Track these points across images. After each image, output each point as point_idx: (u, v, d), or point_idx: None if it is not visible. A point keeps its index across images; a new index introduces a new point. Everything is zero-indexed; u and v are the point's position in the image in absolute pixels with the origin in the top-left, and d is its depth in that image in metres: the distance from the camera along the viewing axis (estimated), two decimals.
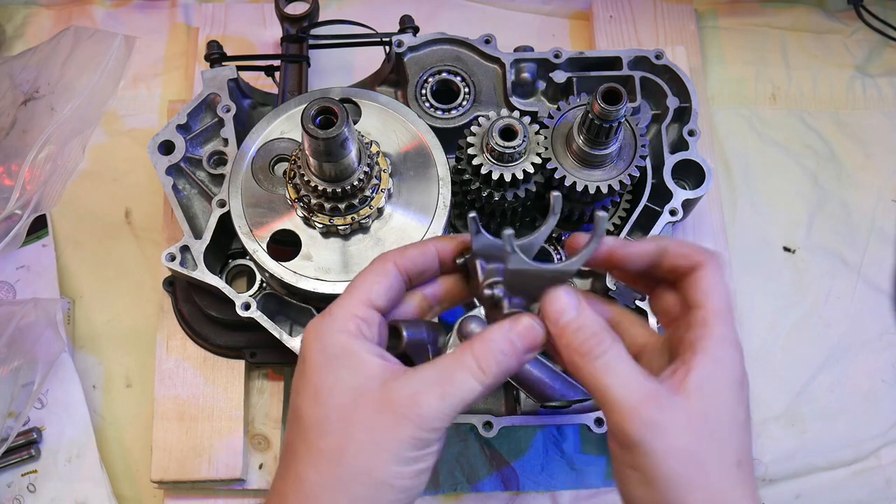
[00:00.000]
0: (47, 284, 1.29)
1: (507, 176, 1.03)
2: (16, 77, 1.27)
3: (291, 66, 1.28)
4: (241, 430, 1.17)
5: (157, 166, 1.13)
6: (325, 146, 0.90)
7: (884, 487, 1.24)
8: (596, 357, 0.69)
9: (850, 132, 1.46)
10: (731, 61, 1.51)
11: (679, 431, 0.67)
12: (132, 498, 1.22)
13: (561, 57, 1.19)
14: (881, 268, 1.37)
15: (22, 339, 1.17)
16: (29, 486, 1.19)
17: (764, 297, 1.34)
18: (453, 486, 1.21)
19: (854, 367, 1.31)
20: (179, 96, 1.44)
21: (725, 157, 1.43)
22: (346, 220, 1.02)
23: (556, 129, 1.07)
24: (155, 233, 1.34)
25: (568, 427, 1.23)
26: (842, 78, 1.50)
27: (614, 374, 0.69)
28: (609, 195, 1.07)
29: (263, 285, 1.11)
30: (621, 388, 0.68)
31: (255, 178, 1.07)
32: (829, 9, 1.56)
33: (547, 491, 1.22)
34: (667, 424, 0.67)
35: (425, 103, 1.18)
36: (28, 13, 1.54)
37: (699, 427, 0.68)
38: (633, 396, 0.67)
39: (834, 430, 1.28)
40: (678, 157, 1.15)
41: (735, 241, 1.36)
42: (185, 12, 1.53)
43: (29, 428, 1.21)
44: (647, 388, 0.68)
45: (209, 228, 1.09)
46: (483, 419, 1.06)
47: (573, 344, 0.71)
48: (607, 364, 0.69)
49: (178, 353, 1.21)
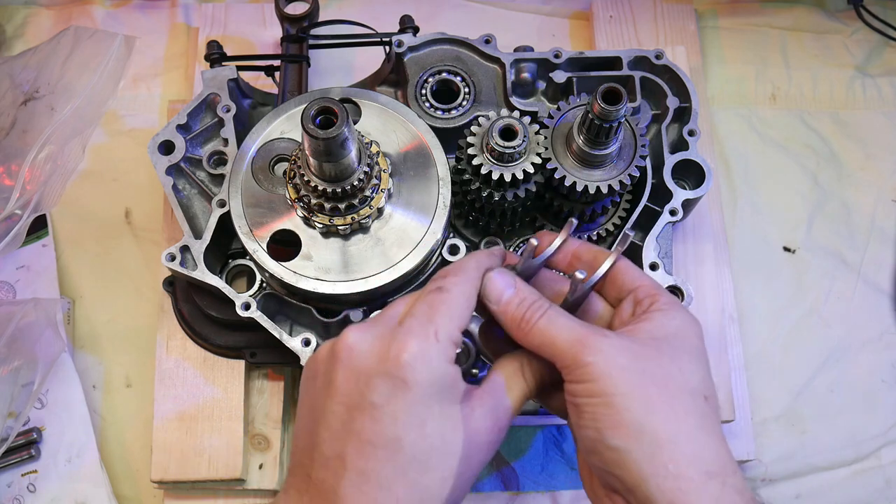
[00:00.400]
0: (47, 284, 1.29)
1: (507, 176, 1.03)
2: (16, 77, 1.27)
3: (291, 66, 1.28)
4: (241, 430, 1.17)
5: (157, 166, 1.13)
6: (325, 146, 0.90)
7: (884, 487, 1.24)
8: (539, 318, 0.75)
9: (850, 132, 1.46)
10: (731, 61, 1.51)
11: (622, 352, 0.72)
12: (132, 498, 1.22)
13: (561, 57, 1.19)
14: (881, 268, 1.37)
15: (22, 339, 1.17)
16: (29, 486, 1.19)
17: (764, 297, 1.34)
18: None
19: (854, 367, 1.31)
20: (179, 96, 1.45)
21: (725, 157, 1.44)
22: (346, 220, 1.02)
23: (556, 129, 1.07)
24: (155, 233, 1.34)
25: (568, 427, 1.22)
26: (842, 78, 1.50)
27: (556, 325, 0.74)
28: (609, 195, 1.07)
29: (263, 285, 1.11)
30: (564, 331, 0.73)
31: (255, 178, 1.07)
32: (829, 9, 1.56)
33: (547, 491, 1.22)
34: (611, 349, 0.72)
35: (425, 103, 1.18)
36: (28, 13, 1.54)
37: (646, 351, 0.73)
38: (575, 334, 0.73)
39: (834, 430, 1.28)
40: (678, 157, 1.15)
41: (735, 241, 1.36)
42: (185, 12, 1.53)
43: (29, 428, 1.21)
44: (587, 328, 0.74)
45: (209, 228, 1.09)
46: None
47: (517, 315, 0.76)
48: (549, 320, 0.75)
49: (178, 353, 1.21)
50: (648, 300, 0.79)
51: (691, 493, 0.67)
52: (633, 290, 0.80)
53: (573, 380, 0.72)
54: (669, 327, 0.76)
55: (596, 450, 0.71)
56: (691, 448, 0.69)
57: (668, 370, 0.73)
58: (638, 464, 0.68)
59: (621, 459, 0.69)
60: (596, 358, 0.71)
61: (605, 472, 0.72)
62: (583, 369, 0.71)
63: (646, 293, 0.79)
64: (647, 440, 0.69)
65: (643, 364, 0.72)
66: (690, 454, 0.69)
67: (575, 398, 0.72)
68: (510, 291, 0.78)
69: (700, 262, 1.29)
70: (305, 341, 1.06)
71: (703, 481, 0.68)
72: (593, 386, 0.70)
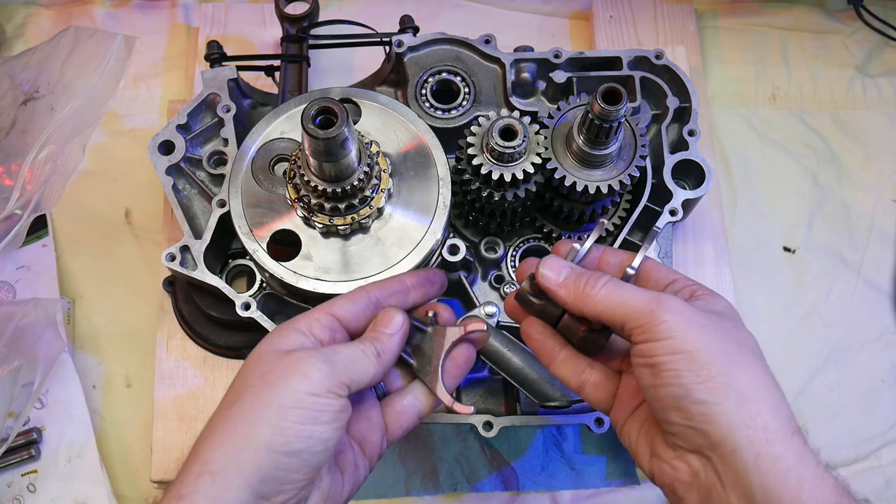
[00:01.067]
0: (47, 284, 1.29)
1: (507, 176, 1.03)
2: (16, 77, 1.27)
3: (291, 66, 1.28)
4: None
5: (157, 166, 1.13)
6: (325, 146, 0.90)
7: (884, 487, 1.24)
8: (603, 285, 0.79)
9: (850, 132, 1.46)
10: (731, 61, 1.51)
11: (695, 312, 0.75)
12: (132, 498, 1.22)
13: (561, 57, 1.19)
14: (881, 268, 1.37)
15: (22, 339, 1.17)
16: (29, 486, 1.19)
17: (764, 297, 1.34)
18: (453, 486, 1.21)
19: (854, 367, 1.31)
20: (179, 96, 1.45)
21: (725, 157, 1.44)
22: (346, 220, 1.02)
23: (556, 129, 1.07)
24: (155, 233, 1.34)
25: (568, 427, 1.23)
26: (842, 78, 1.50)
27: (624, 289, 0.78)
28: (609, 195, 1.07)
29: (263, 285, 1.11)
30: (635, 293, 0.77)
31: (255, 178, 1.07)
32: (829, 9, 1.56)
33: (547, 491, 1.22)
34: (684, 307, 0.75)
35: (425, 103, 1.18)
36: (28, 13, 1.54)
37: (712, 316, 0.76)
38: (646, 295, 0.77)
39: (834, 430, 1.28)
40: (678, 157, 1.15)
41: (735, 241, 1.36)
42: (185, 12, 1.53)
43: (29, 428, 1.21)
44: (654, 292, 0.78)
45: (209, 228, 1.09)
46: (483, 419, 1.06)
47: (577, 287, 0.80)
48: (615, 285, 0.79)
49: (178, 353, 1.21)
50: (689, 289, 0.82)
51: (778, 445, 0.69)
52: (670, 283, 0.84)
53: (650, 338, 0.74)
54: (720, 305, 0.80)
55: (680, 406, 0.72)
56: (774, 402, 0.72)
57: (736, 334, 0.77)
58: (727, 416, 0.70)
59: (710, 413, 0.71)
60: (673, 315, 0.74)
61: (687, 428, 0.73)
62: (660, 326, 0.73)
63: (684, 284, 0.83)
64: (734, 393, 0.71)
65: (716, 324, 0.75)
66: (774, 408, 0.71)
67: (652, 356, 0.74)
68: (566, 270, 0.82)
69: (700, 262, 1.29)
70: None
71: (787, 434, 0.70)
72: (673, 342, 0.73)
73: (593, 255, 0.88)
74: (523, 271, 0.89)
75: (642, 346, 0.75)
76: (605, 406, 0.85)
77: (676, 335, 0.73)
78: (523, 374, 1.04)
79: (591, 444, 1.23)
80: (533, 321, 0.88)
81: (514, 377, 1.04)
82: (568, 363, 0.86)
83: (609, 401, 0.85)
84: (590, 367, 0.86)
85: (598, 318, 0.79)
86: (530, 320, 0.88)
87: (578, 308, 0.80)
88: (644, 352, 0.74)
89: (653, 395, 0.75)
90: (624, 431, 0.83)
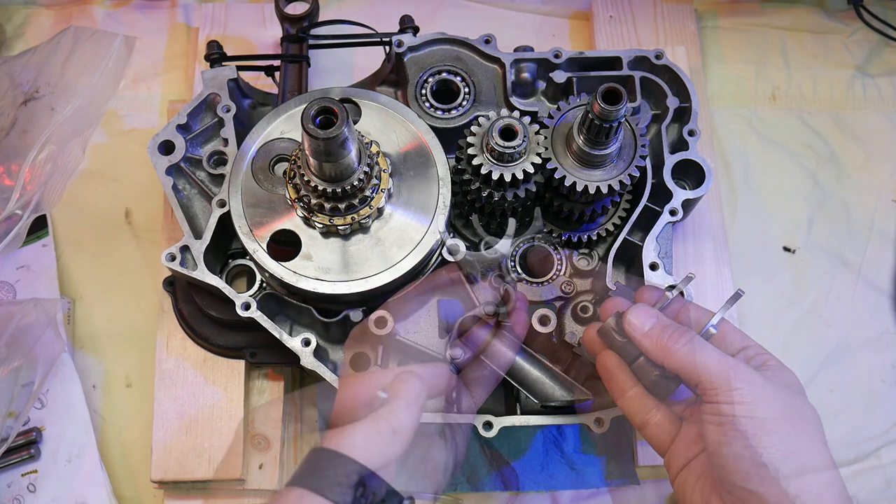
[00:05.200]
0: (47, 284, 1.29)
1: (507, 176, 1.03)
2: (16, 77, 1.27)
3: (291, 66, 1.28)
4: (241, 430, 1.16)
5: (157, 166, 1.13)
6: (325, 146, 0.90)
7: (884, 487, 1.24)
8: (686, 343, 0.86)
9: (850, 132, 1.46)
10: (731, 61, 1.51)
11: (768, 384, 0.83)
12: (132, 498, 1.22)
13: (561, 57, 1.19)
14: (881, 268, 1.37)
15: (22, 339, 1.17)
16: (29, 486, 1.19)
17: (764, 297, 1.34)
18: (453, 486, 1.21)
19: (854, 367, 1.31)
20: (179, 96, 1.45)
21: (725, 157, 1.43)
22: (346, 220, 1.02)
23: (556, 129, 1.07)
24: (155, 233, 1.34)
25: (568, 427, 1.22)
26: (842, 78, 1.50)
27: (706, 350, 0.85)
28: (609, 195, 1.07)
29: (263, 285, 1.11)
30: (714, 356, 0.84)
31: (255, 178, 1.07)
32: (829, 9, 1.56)
33: (547, 491, 1.22)
34: (759, 378, 0.83)
35: (425, 103, 1.18)
36: (28, 13, 1.54)
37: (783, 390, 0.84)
38: (725, 360, 0.84)
39: (834, 430, 1.27)
40: (678, 157, 1.15)
41: (735, 241, 1.36)
42: (185, 12, 1.53)
43: (29, 428, 1.21)
44: (731, 358, 0.85)
45: (209, 228, 1.09)
46: (483, 419, 1.06)
47: (661, 341, 0.87)
48: (698, 344, 0.86)
49: (178, 353, 1.21)
50: (760, 358, 0.90)
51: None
52: (743, 349, 0.91)
53: (724, 400, 0.81)
54: (788, 378, 0.88)
55: (740, 468, 0.79)
56: (829, 476, 0.80)
57: (803, 408, 0.85)
58: (786, 482, 0.77)
59: (770, 477, 0.78)
60: (749, 384, 0.82)
61: (745, 491, 0.79)
62: (735, 391, 0.81)
63: (756, 351, 0.91)
64: (794, 463, 0.78)
65: (784, 396, 0.84)
66: (829, 481, 0.80)
67: (723, 416, 0.81)
68: (653, 321, 0.89)
69: (700, 262, 1.29)
70: (305, 341, 1.06)
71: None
72: (745, 408, 0.80)
73: (674, 307, 0.94)
74: (608, 309, 0.96)
75: (714, 406, 0.82)
76: (663, 448, 0.91)
77: (749, 402, 0.80)
78: (523, 373, 1.04)
79: (591, 444, 1.23)
80: (611, 355, 0.95)
81: (514, 377, 1.04)
82: (636, 400, 0.92)
83: (668, 443, 0.91)
84: (655, 408, 0.92)
85: (675, 371, 0.86)
86: (609, 353, 0.95)
87: (658, 359, 0.88)
88: (716, 411, 0.82)
89: (716, 452, 0.81)
90: (678, 480, 0.89)
